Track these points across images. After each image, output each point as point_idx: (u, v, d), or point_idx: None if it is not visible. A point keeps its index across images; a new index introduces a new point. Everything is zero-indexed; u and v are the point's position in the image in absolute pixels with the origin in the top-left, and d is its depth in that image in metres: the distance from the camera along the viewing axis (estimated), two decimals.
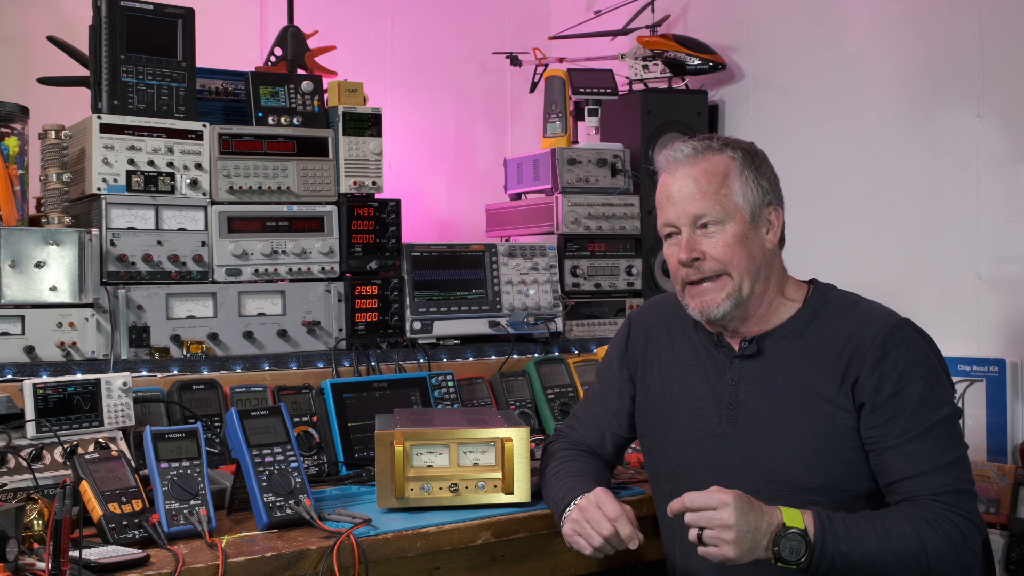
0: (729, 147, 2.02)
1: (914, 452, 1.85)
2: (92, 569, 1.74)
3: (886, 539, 1.79)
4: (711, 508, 1.76)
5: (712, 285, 1.98)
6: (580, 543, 2.00)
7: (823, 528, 1.77)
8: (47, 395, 2.23)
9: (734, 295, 1.97)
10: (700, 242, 1.97)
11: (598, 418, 2.26)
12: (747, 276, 1.97)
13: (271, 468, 2.08)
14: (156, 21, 2.74)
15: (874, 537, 1.79)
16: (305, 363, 2.81)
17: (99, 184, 2.65)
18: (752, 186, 1.99)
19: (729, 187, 1.97)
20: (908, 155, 3.10)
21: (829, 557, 1.76)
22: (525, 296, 3.20)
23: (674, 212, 2.00)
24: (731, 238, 1.96)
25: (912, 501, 1.84)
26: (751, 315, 2.02)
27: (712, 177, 1.98)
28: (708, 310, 1.98)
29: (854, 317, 1.98)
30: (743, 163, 2.00)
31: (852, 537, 1.78)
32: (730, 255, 1.96)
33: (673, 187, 2.01)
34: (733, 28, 3.65)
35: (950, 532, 1.80)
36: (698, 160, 2.00)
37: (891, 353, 1.89)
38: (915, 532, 1.79)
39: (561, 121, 3.55)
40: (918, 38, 3.09)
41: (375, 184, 3.01)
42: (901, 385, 1.88)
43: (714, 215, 1.96)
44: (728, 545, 1.74)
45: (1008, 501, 2.67)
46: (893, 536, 1.79)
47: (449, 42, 4.14)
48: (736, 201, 1.97)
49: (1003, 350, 2.84)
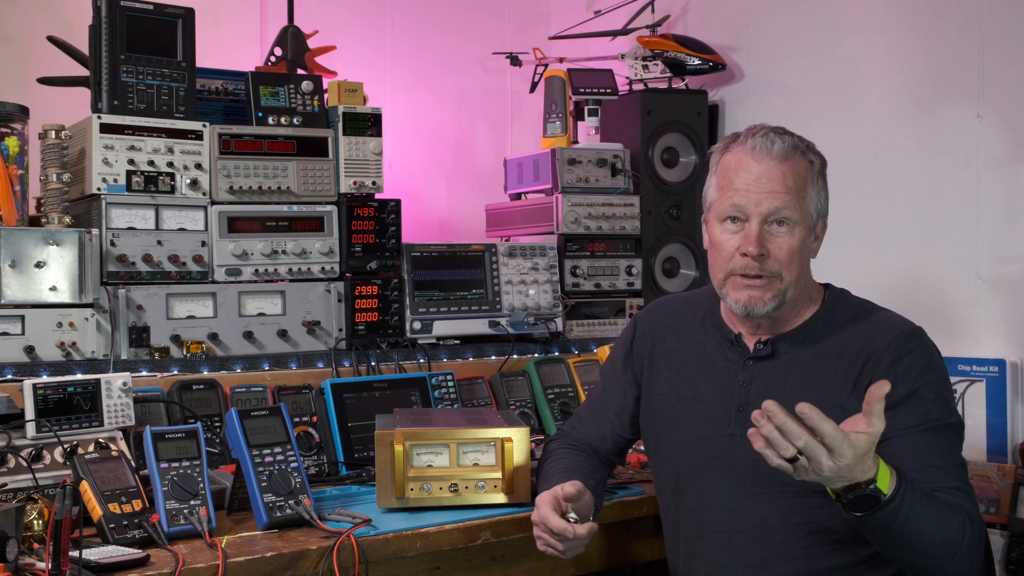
0: (811, 151, 1.99)
1: (926, 444, 1.84)
2: (92, 569, 1.74)
3: (945, 524, 1.73)
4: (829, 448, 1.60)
5: (764, 283, 1.94)
6: (552, 552, 1.99)
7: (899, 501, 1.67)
8: (47, 395, 2.23)
9: (779, 296, 1.95)
10: (769, 239, 1.94)
11: (600, 418, 2.26)
12: (795, 282, 1.96)
13: (271, 468, 2.08)
14: (156, 21, 2.74)
15: (933, 519, 1.72)
16: (305, 363, 2.81)
17: (99, 184, 2.65)
18: (821, 195, 1.99)
19: (807, 192, 1.96)
20: (908, 155, 3.10)
21: (886, 523, 1.69)
22: (525, 296, 3.20)
23: (752, 199, 1.93)
24: (797, 243, 1.94)
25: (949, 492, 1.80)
26: (784, 316, 2.01)
27: (798, 178, 1.95)
28: (754, 306, 1.95)
29: (869, 324, 1.98)
30: (819, 171, 1.99)
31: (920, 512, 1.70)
32: (791, 259, 1.94)
33: (758, 171, 1.93)
34: (733, 28, 3.65)
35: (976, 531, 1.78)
36: (788, 158, 1.94)
37: (906, 358, 1.90)
38: (961, 526, 1.75)
39: (561, 121, 3.55)
40: (918, 38, 3.09)
41: (375, 184, 3.01)
42: (916, 386, 1.88)
43: (793, 215, 1.93)
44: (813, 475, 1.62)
45: (1008, 501, 2.67)
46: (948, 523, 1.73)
47: (449, 42, 4.14)
48: (809, 207, 1.96)
49: (1003, 350, 2.84)
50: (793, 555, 1.94)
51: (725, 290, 1.99)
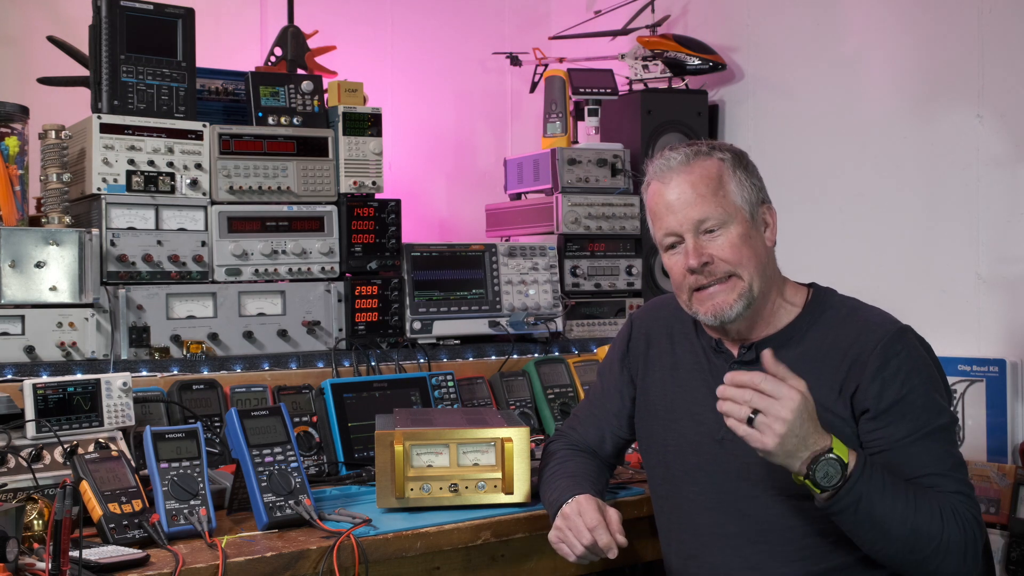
0: (717, 150, 2.01)
1: (920, 453, 1.85)
2: (92, 569, 1.74)
3: (913, 508, 1.77)
4: (776, 397, 1.71)
5: (722, 287, 1.95)
6: (564, 550, 2.00)
7: (862, 470, 1.74)
8: (47, 395, 2.23)
9: (746, 295, 1.95)
10: (706, 246, 1.95)
11: (599, 419, 2.26)
12: (756, 275, 1.96)
13: (271, 468, 2.08)
14: (156, 21, 2.74)
15: (902, 502, 1.76)
16: (305, 363, 2.81)
17: (99, 184, 2.65)
18: (746, 185, 1.98)
19: (726, 188, 1.96)
20: (908, 155, 3.10)
21: (856, 496, 1.73)
22: (525, 296, 3.20)
23: (675, 220, 1.97)
24: (736, 238, 1.95)
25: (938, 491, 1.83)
26: (759, 316, 2.00)
27: (709, 181, 1.96)
28: (721, 312, 1.96)
29: (854, 325, 1.97)
30: (733, 164, 1.99)
31: (885, 491, 1.75)
32: (738, 255, 1.94)
33: (670, 195, 1.98)
34: (733, 28, 3.65)
35: (967, 529, 1.79)
36: (691, 166, 1.98)
37: (892, 361, 1.89)
38: (941, 516, 1.78)
39: (561, 121, 3.55)
40: (918, 38, 3.09)
41: (375, 184, 3.01)
42: (904, 391, 1.87)
43: (717, 218, 1.95)
44: (774, 436, 1.69)
45: (1008, 501, 2.67)
46: (921, 509, 1.77)
47: (449, 42, 4.14)
48: (735, 201, 1.96)
49: (1003, 350, 2.84)
50: (789, 557, 1.94)
51: (694, 309, 2.01)
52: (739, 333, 2.03)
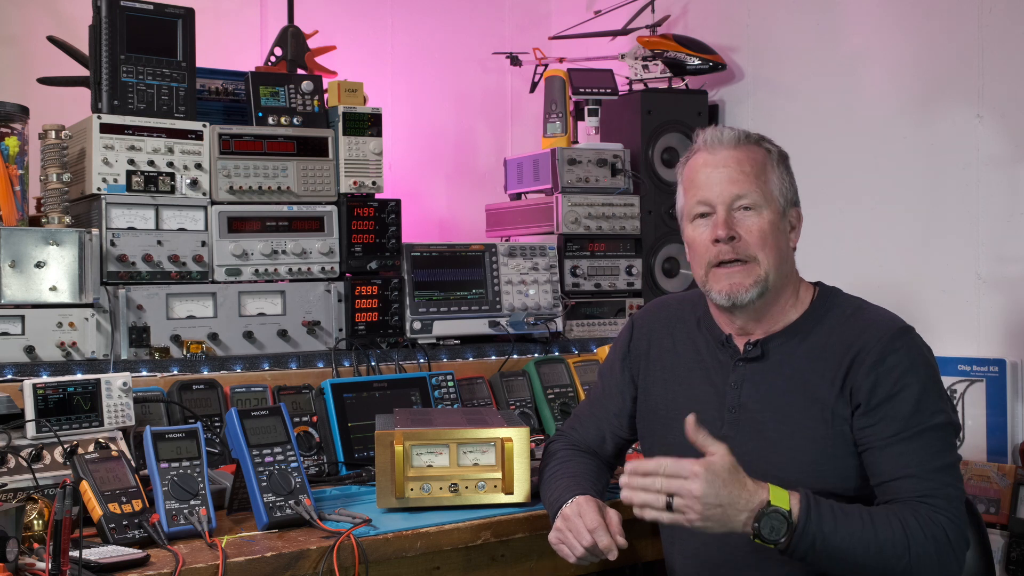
0: (766, 141, 2.04)
1: (903, 453, 1.85)
2: (92, 569, 1.74)
3: (871, 529, 1.78)
4: (682, 477, 1.75)
5: (742, 268, 1.96)
6: (564, 551, 2.00)
7: (808, 510, 1.76)
8: (47, 395, 2.23)
9: (761, 282, 1.96)
10: (738, 222, 1.97)
11: (599, 419, 2.26)
12: (774, 267, 1.97)
13: (271, 468, 2.08)
14: (156, 21, 2.74)
15: (859, 526, 1.78)
16: (305, 363, 2.81)
17: (99, 184, 2.65)
18: (785, 181, 2.02)
19: (767, 176, 1.99)
20: (908, 155, 3.10)
21: (810, 538, 1.75)
22: (525, 296, 3.20)
23: (714, 191, 1.98)
24: (767, 224, 1.96)
25: (903, 501, 1.83)
26: (768, 310, 2.01)
27: (754, 163, 1.99)
28: (736, 293, 1.96)
29: (857, 324, 1.97)
30: (778, 159, 2.03)
31: (837, 522, 1.77)
32: (763, 241, 1.96)
33: (715, 166, 1.99)
34: (733, 28, 3.65)
35: (936, 533, 1.79)
36: (740, 146, 2.00)
37: (889, 357, 1.89)
38: (901, 528, 1.79)
39: (561, 121, 3.55)
40: (918, 38, 3.09)
41: (375, 184, 3.01)
42: (896, 389, 1.87)
43: (754, 198, 1.96)
44: (695, 514, 1.74)
45: (1008, 501, 2.67)
46: (879, 528, 1.79)
47: (449, 42, 4.14)
48: (772, 191, 1.99)
49: (1003, 350, 2.84)
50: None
51: (708, 285, 2.01)
52: (744, 324, 2.03)
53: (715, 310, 2.08)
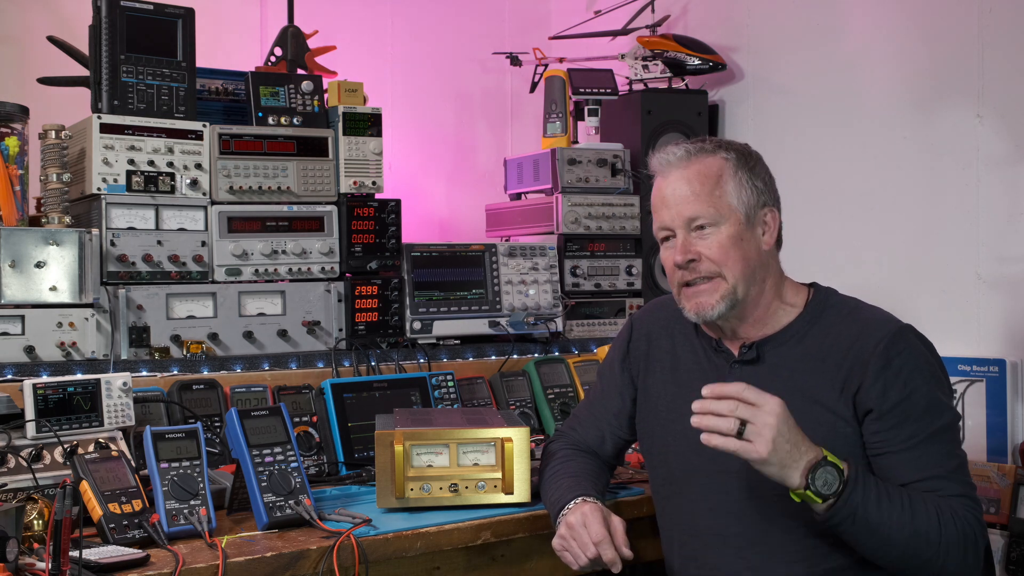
0: (723, 148, 2.02)
1: (921, 456, 1.86)
2: (92, 569, 1.74)
3: (909, 512, 1.79)
4: (758, 405, 1.73)
5: (706, 286, 1.97)
6: (567, 558, 1.99)
7: (857, 476, 1.77)
8: (47, 395, 2.23)
9: (728, 297, 1.96)
10: (695, 244, 1.97)
11: (599, 419, 2.26)
12: (741, 278, 1.97)
13: (271, 468, 2.08)
14: (156, 21, 2.74)
15: (898, 507, 1.78)
16: (305, 363, 2.81)
17: (99, 184, 2.65)
18: (747, 187, 1.99)
19: (723, 188, 1.97)
20: (908, 155, 3.10)
21: (855, 504, 1.75)
22: (525, 296, 3.20)
23: (668, 215, 2.00)
24: (726, 239, 1.96)
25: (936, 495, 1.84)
26: (748, 317, 2.01)
27: (706, 179, 1.97)
28: (703, 311, 1.98)
29: (855, 324, 1.97)
30: (737, 164, 2.00)
31: (880, 496, 1.78)
32: (724, 256, 1.96)
33: (667, 190, 2.01)
34: (733, 28, 3.65)
35: (966, 530, 1.81)
36: (691, 162, 1.99)
37: (894, 360, 1.89)
38: (938, 518, 1.80)
39: (561, 121, 3.55)
40: (918, 38, 3.09)
41: (375, 184, 3.01)
42: (907, 392, 1.88)
43: (708, 217, 1.96)
44: (764, 443, 1.71)
45: (1008, 501, 2.67)
46: (917, 513, 1.79)
47: (449, 42, 4.14)
48: (730, 202, 1.97)
49: (1003, 350, 2.84)
50: (791, 558, 1.94)
51: (681, 304, 2.03)
52: (733, 332, 2.03)
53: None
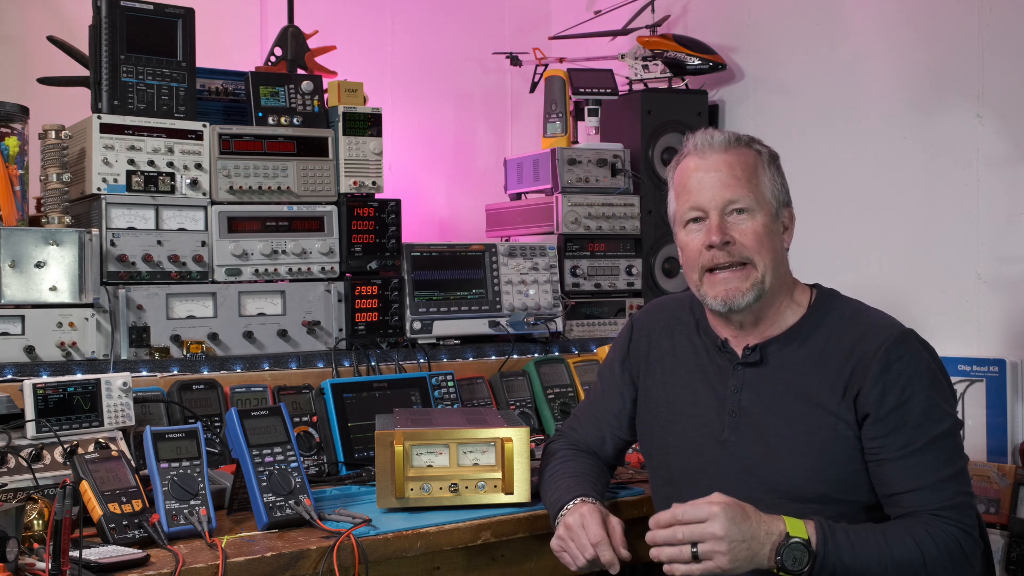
0: (755, 142, 2.03)
1: (915, 465, 1.85)
2: (92, 569, 1.74)
3: (887, 550, 1.79)
4: (700, 521, 1.75)
5: (736, 274, 1.95)
6: (566, 559, 1.99)
7: (825, 538, 1.77)
8: (47, 395, 2.23)
9: (758, 285, 1.95)
10: (731, 226, 1.96)
11: (599, 419, 2.26)
12: (770, 269, 1.96)
13: (271, 468, 2.08)
14: (156, 21, 2.74)
15: (875, 548, 1.79)
16: (305, 363, 2.81)
17: (99, 184, 2.65)
18: (777, 182, 2.01)
19: (759, 179, 1.98)
20: (908, 155, 3.10)
21: (831, 567, 1.76)
22: (525, 296, 3.20)
23: (706, 196, 1.97)
24: (760, 227, 1.95)
25: (914, 515, 1.84)
26: (765, 313, 2.00)
27: (745, 166, 1.98)
28: (732, 299, 1.95)
29: (857, 327, 1.96)
30: (768, 160, 2.02)
31: (854, 547, 1.78)
32: (758, 244, 1.95)
33: (707, 171, 1.98)
34: (733, 28, 3.65)
35: (950, 545, 1.80)
36: (730, 149, 1.99)
37: (894, 365, 1.89)
38: (915, 544, 1.79)
39: (561, 121, 3.55)
40: (918, 38, 3.09)
41: (375, 184, 3.01)
42: (905, 397, 1.87)
43: (747, 202, 1.95)
44: (723, 556, 1.73)
45: (1008, 501, 2.67)
46: (894, 547, 1.79)
47: (449, 42, 4.14)
48: (765, 193, 1.98)
49: (1003, 350, 2.84)
50: None
51: (703, 291, 2.00)
52: (743, 328, 2.02)
53: (710, 315, 2.07)
